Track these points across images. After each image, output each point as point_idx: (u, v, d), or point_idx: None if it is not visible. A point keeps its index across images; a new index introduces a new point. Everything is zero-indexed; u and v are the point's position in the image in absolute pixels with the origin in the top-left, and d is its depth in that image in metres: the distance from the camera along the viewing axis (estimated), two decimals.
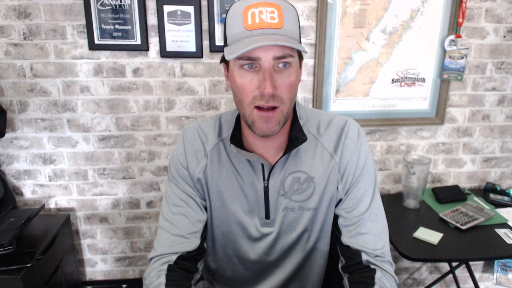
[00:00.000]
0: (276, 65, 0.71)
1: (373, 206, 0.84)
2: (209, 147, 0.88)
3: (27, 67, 1.54)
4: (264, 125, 0.74)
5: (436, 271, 2.02)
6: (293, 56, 0.73)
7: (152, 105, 1.63)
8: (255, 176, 0.85)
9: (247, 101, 0.74)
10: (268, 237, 0.87)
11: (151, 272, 0.79)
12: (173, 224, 0.84)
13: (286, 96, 0.74)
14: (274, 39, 0.68)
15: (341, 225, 0.85)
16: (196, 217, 0.85)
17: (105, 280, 1.88)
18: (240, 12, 0.71)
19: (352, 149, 0.85)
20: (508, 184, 1.93)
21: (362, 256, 0.80)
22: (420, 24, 1.63)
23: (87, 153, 1.68)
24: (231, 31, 0.73)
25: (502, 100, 1.79)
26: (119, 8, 1.49)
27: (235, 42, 0.71)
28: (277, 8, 0.70)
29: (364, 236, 0.81)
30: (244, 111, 0.76)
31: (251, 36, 0.69)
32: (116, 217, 1.78)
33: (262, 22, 0.69)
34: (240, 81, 0.73)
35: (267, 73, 0.70)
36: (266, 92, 0.70)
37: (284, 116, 0.75)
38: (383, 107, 1.73)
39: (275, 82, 0.71)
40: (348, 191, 0.85)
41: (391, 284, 0.77)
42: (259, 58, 0.70)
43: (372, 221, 0.83)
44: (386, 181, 1.86)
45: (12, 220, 1.49)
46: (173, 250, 0.81)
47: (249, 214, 0.86)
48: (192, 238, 0.83)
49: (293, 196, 0.85)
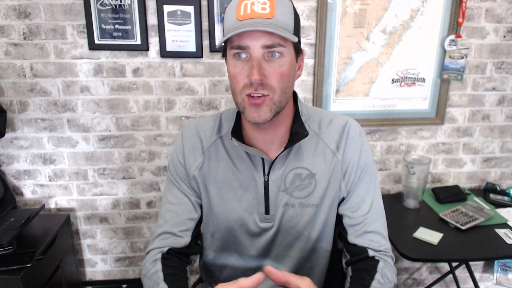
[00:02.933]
0: (266, 54, 0.73)
1: (375, 204, 0.87)
2: (207, 145, 0.89)
3: (27, 67, 1.54)
4: (255, 112, 0.75)
5: (436, 271, 2.02)
6: (285, 46, 0.74)
7: (152, 105, 1.63)
8: (255, 171, 0.85)
9: (238, 89, 0.76)
10: (268, 233, 0.87)
11: (146, 263, 0.84)
12: (166, 220, 0.88)
13: (276, 85, 0.74)
14: (258, 26, 0.70)
15: (346, 225, 0.87)
16: (188, 215, 0.89)
17: (105, 280, 1.88)
18: (235, 5, 0.74)
19: (354, 148, 0.86)
20: (508, 184, 1.93)
21: (368, 252, 0.83)
22: (420, 24, 1.63)
23: (87, 153, 1.68)
24: (226, 23, 0.76)
25: (502, 100, 1.79)
26: (119, 8, 1.49)
27: (227, 33, 0.74)
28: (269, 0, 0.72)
29: (371, 235, 0.85)
30: (237, 99, 0.77)
31: (241, 26, 0.71)
32: (116, 217, 1.78)
33: (253, 13, 0.72)
34: (233, 70, 0.75)
35: (255, 61, 0.72)
36: (253, 79, 0.72)
37: (275, 104, 0.76)
38: (383, 107, 1.73)
39: (264, 70, 0.73)
40: (351, 191, 0.86)
41: (391, 274, 0.81)
42: (248, 46, 0.72)
43: (376, 219, 0.86)
44: (386, 181, 1.86)
45: (12, 220, 1.49)
46: (164, 244, 0.86)
47: (249, 209, 0.86)
48: (182, 235, 0.87)
49: (294, 193, 0.85)
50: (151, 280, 0.79)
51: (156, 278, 0.78)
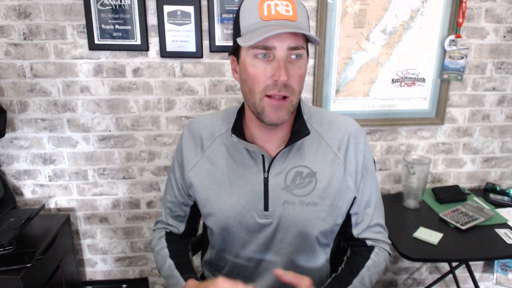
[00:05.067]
0: (289, 55, 0.74)
1: (377, 201, 0.93)
2: (207, 142, 0.91)
3: (27, 67, 1.54)
4: (274, 113, 0.76)
5: (436, 271, 2.02)
6: (305, 48, 0.76)
7: (152, 105, 1.63)
8: (255, 167, 0.86)
9: (258, 90, 0.76)
10: (267, 229, 0.87)
11: (154, 239, 1.00)
12: (164, 209, 1.01)
13: (296, 87, 0.77)
14: (291, 27, 0.71)
15: (353, 223, 0.92)
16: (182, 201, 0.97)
17: (105, 280, 1.88)
18: (256, 4, 0.74)
19: (357, 148, 0.88)
20: (508, 184, 1.93)
21: (367, 242, 0.92)
22: (420, 24, 1.63)
23: (87, 153, 1.68)
24: (246, 22, 0.75)
25: (502, 100, 1.79)
26: (119, 8, 1.49)
27: (250, 32, 0.74)
28: (291, 2, 0.74)
29: (373, 228, 0.92)
30: (254, 99, 0.78)
31: (268, 26, 0.72)
32: (116, 217, 1.78)
33: (278, 14, 0.72)
34: (253, 70, 0.75)
35: (281, 62, 0.73)
36: (281, 80, 0.72)
37: (293, 106, 0.79)
38: (383, 107, 1.73)
39: (288, 72, 0.74)
40: (358, 190, 0.89)
41: (384, 258, 0.92)
42: (274, 47, 0.73)
43: (377, 213, 0.93)
44: (386, 181, 1.86)
45: (12, 220, 1.49)
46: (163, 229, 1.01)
47: (247, 205, 0.86)
48: (175, 224, 1.00)
49: (295, 190, 0.85)
50: (159, 255, 0.95)
51: (163, 254, 0.93)
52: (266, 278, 0.92)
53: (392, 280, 2.02)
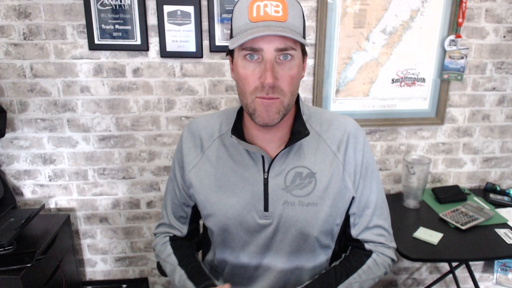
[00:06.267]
0: (278, 57, 0.73)
1: (379, 200, 0.91)
2: (207, 143, 0.91)
3: (27, 67, 1.54)
4: (265, 113, 0.76)
5: (436, 271, 2.02)
6: (296, 49, 0.75)
7: (152, 105, 1.63)
8: (255, 168, 0.86)
9: (248, 91, 0.76)
10: (267, 230, 0.87)
11: (157, 245, 0.99)
12: (166, 210, 1.00)
13: (286, 88, 0.75)
14: (275, 30, 0.70)
15: (352, 224, 0.92)
16: (183, 201, 0.97)
17: (105, 280, 1.88)
18: (246, 5, 0.73)
19: (356, 148, 0.88)
20: (508, 184, 1.93)
21: (365, 246, 0.91)
22: (420, 24, 1.63)
23: (87, 153, 1.68)
24: (237, 23, 0.75)
25: (502, 100, 1.79)
26: (119, 8, 1.49)
27: (239, 33, 0.74)
28: (282, 2, 0.73)
29: (372, 230, 0.91)
30: (246, 100, 0.77)
31: (255, 28, 0.71)
32: (116, 217, 1.78)
33: (266, 15, 0.72)
34: (243, 72, 0.75)
35: (268, 64, 0.72)
36: (267, 83, 0.72)
37: (284, 108, 0.77)
38: (383, 107, 1.73)
39: (276, 73, 0.73)
40: (358, 190, 0.89)
41: (383, 264, 0.90)
42: (261, 49, 0.72)
43: (380, 214, 0.91)
44: (386, 181, 1.86)
45: (12, 220, 1.49)
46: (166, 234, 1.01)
47: (247, 206, 0.86)
48: (178, 226, 0.99)
49: (294, 191, 0.85)
50: (167, 263, 0.94)
51: (171, 262, 0.93)
52: (267, 279, 0.92)
53: (392, 280, 2.03)
